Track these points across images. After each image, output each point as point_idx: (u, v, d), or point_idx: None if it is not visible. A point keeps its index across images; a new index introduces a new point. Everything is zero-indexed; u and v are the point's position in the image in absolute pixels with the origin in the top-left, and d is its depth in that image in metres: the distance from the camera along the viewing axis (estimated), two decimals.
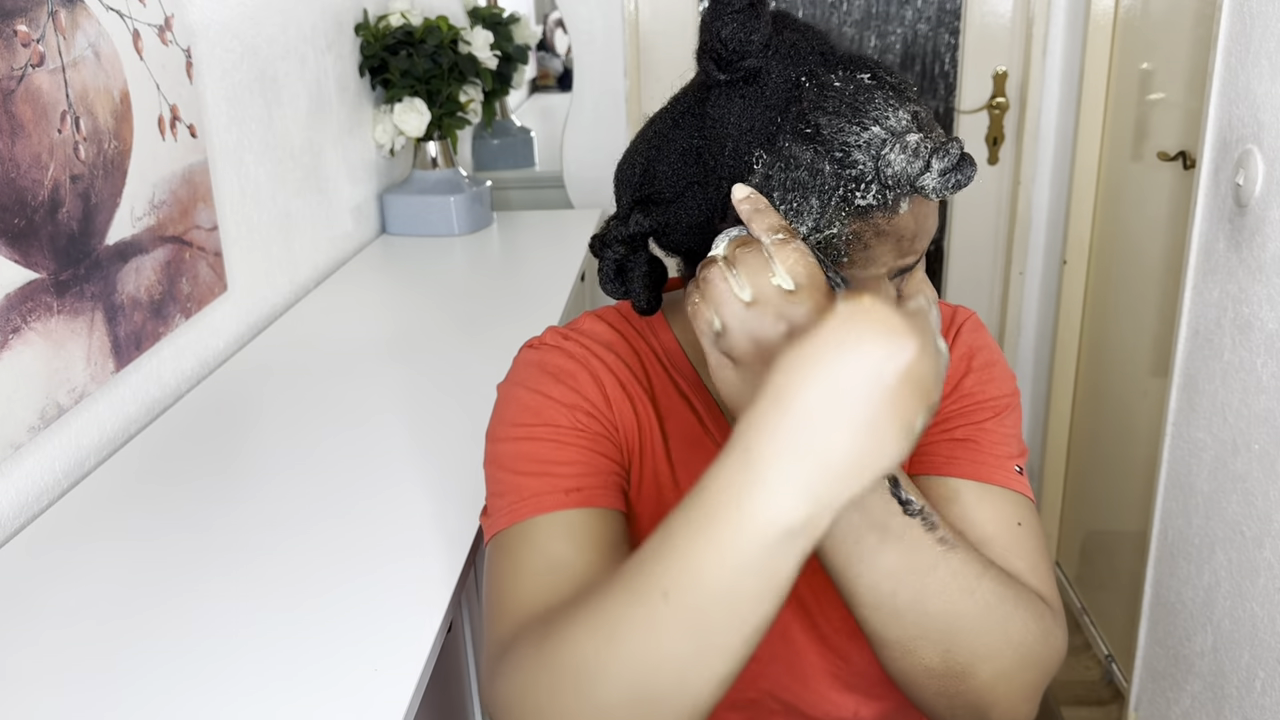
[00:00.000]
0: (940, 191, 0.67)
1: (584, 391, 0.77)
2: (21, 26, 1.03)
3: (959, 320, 0.86)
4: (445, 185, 2.14)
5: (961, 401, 0.82)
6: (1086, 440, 2.26)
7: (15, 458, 1.04)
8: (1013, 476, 0.79)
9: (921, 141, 0.66)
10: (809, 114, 0.67)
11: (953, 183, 0.66)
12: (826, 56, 0.70)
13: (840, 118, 0.66)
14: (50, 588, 0.93)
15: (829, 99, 0.67)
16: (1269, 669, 1.31)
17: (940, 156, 0.66)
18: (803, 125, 0.66)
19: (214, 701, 0.77)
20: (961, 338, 0.84)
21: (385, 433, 1.21)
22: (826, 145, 0.66)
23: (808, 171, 0.66)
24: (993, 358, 0.84)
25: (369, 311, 1.72)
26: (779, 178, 0.67)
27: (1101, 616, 2.14)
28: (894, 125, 0.66)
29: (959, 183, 0.67)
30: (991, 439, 0.80)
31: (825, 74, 0.68)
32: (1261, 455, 1.33)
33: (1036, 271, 2.45)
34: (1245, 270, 1.36)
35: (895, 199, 0.67)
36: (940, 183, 0.66)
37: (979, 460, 0.79)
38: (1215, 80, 1.44)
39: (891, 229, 0.68)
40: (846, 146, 0.66)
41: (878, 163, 0.66)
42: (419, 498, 1.05)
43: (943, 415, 0.81)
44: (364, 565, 0.93)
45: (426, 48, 2.02)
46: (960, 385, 0.83)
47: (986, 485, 0.78)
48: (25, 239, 1.04)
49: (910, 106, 0.68)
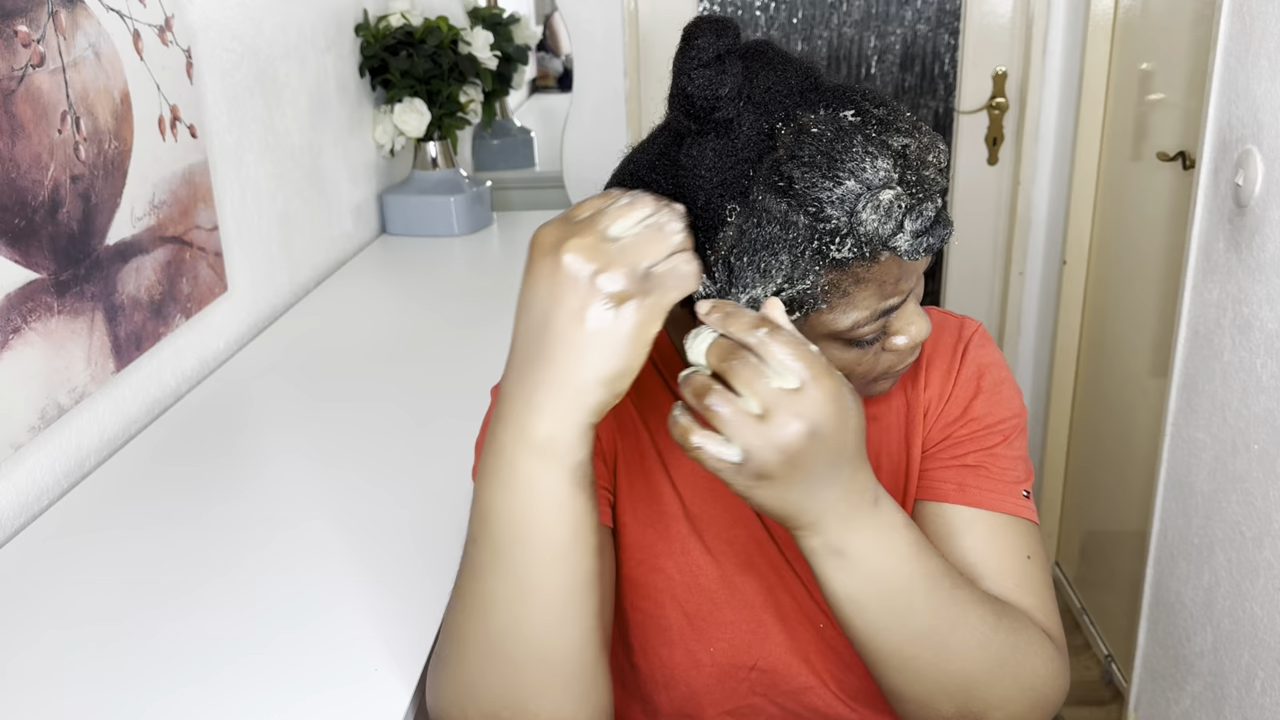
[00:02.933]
0: (913, 254, 0.65)
1: None
2: (22, 27, 1.03)
3: (966, 334, 0.84)
4: (445, 185, 2.14)
5: (972, 426, 0.82)
6: (1086, 440, 2.26)
7: (15, 458, 1.04)
8: (1022, 504, 0.80)
9: (895, 200, 0.63)
10: (783, 165, 0.63)
11: (924, 246, 0.65)
12: (807, 95, 0.66)
13: (814, 170, 0.62)
14: (50, 588, 0.93)
15: (804, 147, 0.63)
16: (1269, 669, 1.32)
17: (914, 218, 0.63)
18: (775, 178, 0.63)
19: (214, 701, 0.77)
20: (970, 355, 0.83)
21: (385, 432, 1.21)
22: (799, 199, 0.63)
23: (780, 225, 0.63)
24: (1002, 375, 0.84)
25: (369, 312, 1.72)
26: (751, 233, 0.64)
27: (1101, 616, 2.14)
28: (870, 178, 0.63)
29: (930, 246, 0.65)
30: (1001, 464, 0.80)
31: (804, 115, 0.64)
32: (1261, 455, 1.33)
33: (1036, 272, 2.45)
34: (1245, 270, 1.36)
35: (874, 251, 0.64)
36: (913, 245, 0.64)
37: (991, 489, 0.79)
38: (1215, 80, 1.44)
39: (872, 276, 0.66)
40: (819, 202, 0.62)
41: (851, 218, 0.63)
42: (419, 497, 1.05)
43: (953, 440, 0.81)
44: (364, 565, 0.93)
45: (426, 48, 2.02)
46: (970, 409, 0.82)
47: (998, 515, 0.79)
48: (25, 239, 1.04)
49: (898, 141, 0.64)
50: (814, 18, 2.39)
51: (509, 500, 0.61)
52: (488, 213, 2.22)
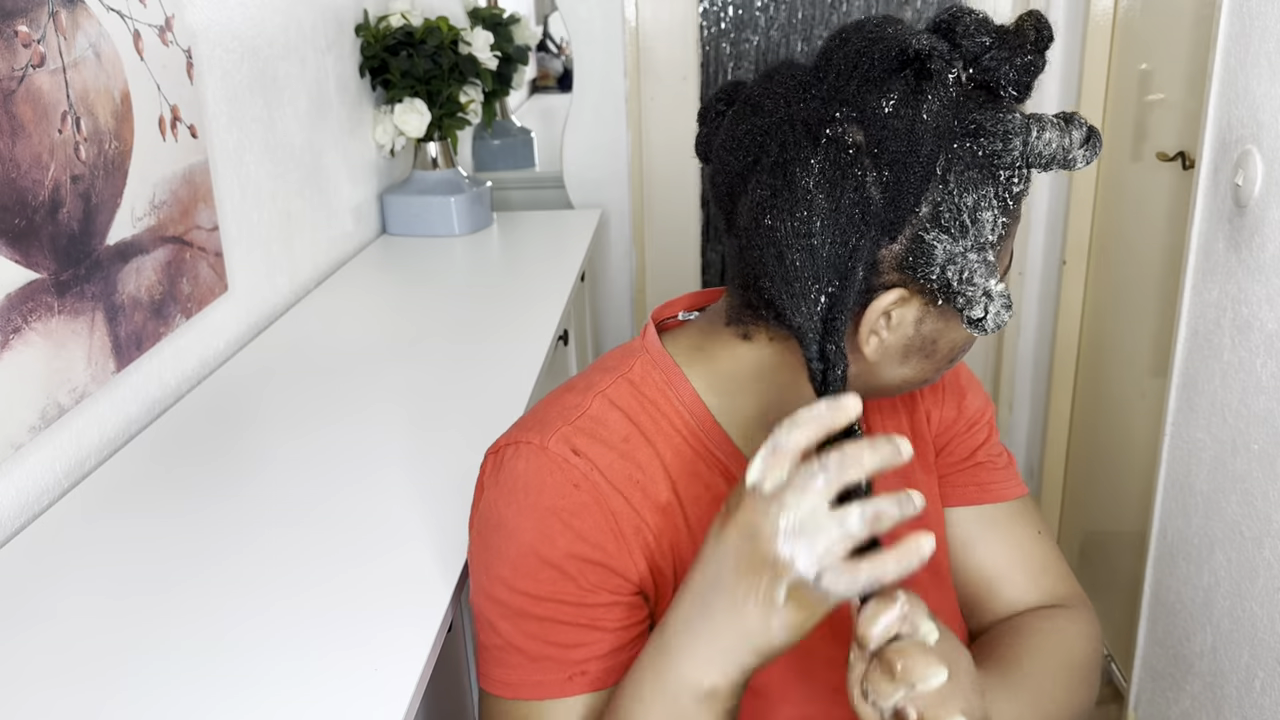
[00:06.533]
0: (1087, 160, 0.65)
1: (594, 538, 0.69)
2: (22, 27, 1.03)
3: None
4: (445, 186, 2.14)
5: (972, 425, 0.86)
6: (1086, 440, 2.26)
7: (16, 458, 1.05)
8: (1020, 483, 0.86)
9: (1053, 119, 0.64)
10: (965, 112, 0.63)
11: (1095, 152, 0.65)
12: None
13: (985, 107, 0.63)
14: (50, 588, 0.93)
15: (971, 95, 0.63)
16: (1268, 669, 1.32)
17: (1077, 126, 0.64)
18: (967, 122, 0.63)
19: (214, 701, 0.77)
20: None
21: (386, 433, 1.21)
22: (989, 137, 0.62)
23: (978, 169, 0.63)
24: (967, 370, 0.88)
25: (369, 312, 1.72)
26: (956, 180, 0.62)
27: (1101, 616, 2.13)
28: (1022, 108, 0.64)
29: (1098, 150, 0.65)
30: (996, 453, 0.86)
31: None
32: (1261, 455, 1.33)
33: (1036, 272, 2.45)
34: (1244, 270, 1.36)
35: (1028, 183, 0.65)
36: (1087, 153, 0.65)
37: (1002, 480, 0.86)
38: (1214, 81, 1.44)
39: (1020, 215, 0.67)
40: (1007, 134, 0.62)
41: (1026, 147, 0.63)
42: (419, 498, 1.05)
43: (956, 441, 0.85)
44: (364, 565, 0.93)
45: (427, 48, 2.02)
46: (963, 407, 0.86)
47: (1014, 503, 0.86)
48: (26, 239, 1.04)
49: None
50: (814, 18, 2.39)
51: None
52: (488, 213, 2.22)
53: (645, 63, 2.42)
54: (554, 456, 0.70)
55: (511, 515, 0.71)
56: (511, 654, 0.71)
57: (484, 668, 0.74)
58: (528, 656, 0.70)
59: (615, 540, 0.70)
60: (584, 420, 0.72)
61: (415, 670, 0.79)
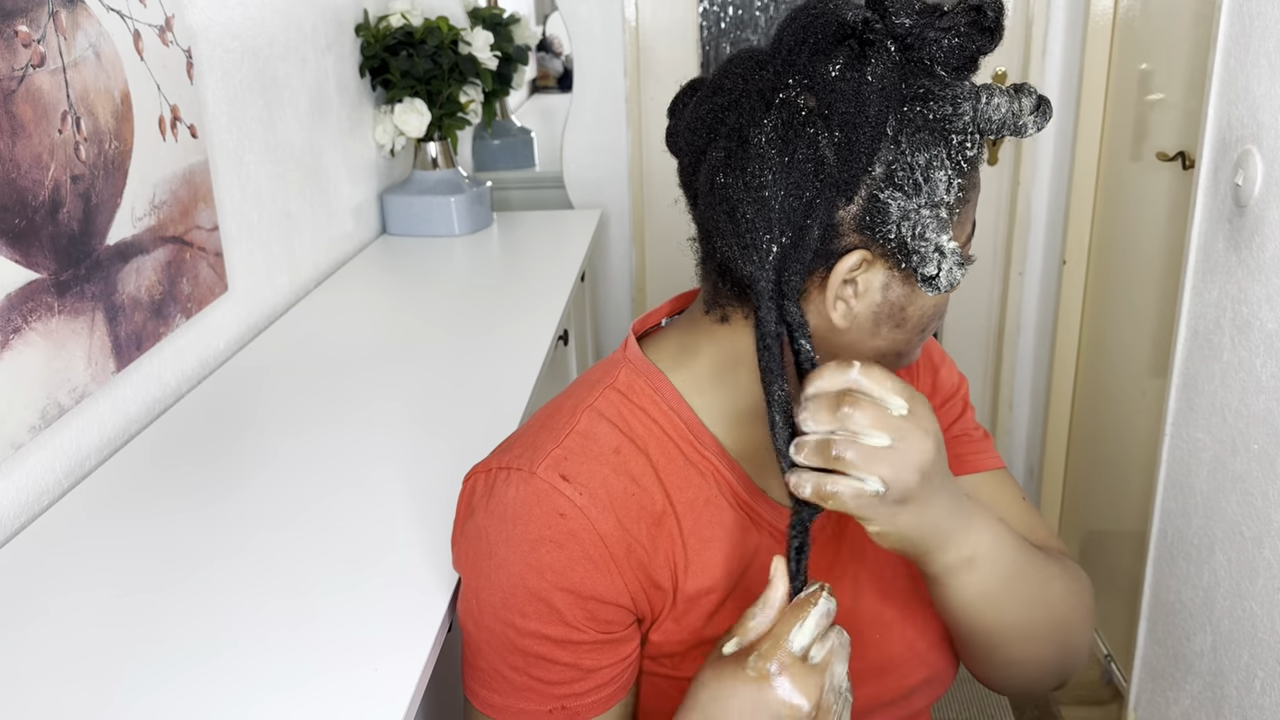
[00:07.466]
0: (1038, 127, 0.67)
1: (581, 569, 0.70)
2: (22, 27, 1.03)
3: None
4: (445, 186, 2.14)
5: (948, 399, 0.88)
6: (1086, 440, 2.26)
7: (16, 457, 1.05)
8: (997, 457, 0.88)
9: (1002, 88, 0.66)
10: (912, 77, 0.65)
11: (1045, 119, 0.67)
12: None
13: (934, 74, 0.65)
14: (51, 588, 0.93)
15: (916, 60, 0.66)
16: (1268, 669, 1.32)
17: (1027, 94, 0.66)
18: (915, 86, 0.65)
19: (214, 701, 0.77)
20: None
21: (386, 433, 1.21)
22: (938, 101, 0.64)
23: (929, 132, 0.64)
24: (939, 346, 0.91)
25: (369, 311, 1.72)
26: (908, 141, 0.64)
27: (1101, 616, 2.14)
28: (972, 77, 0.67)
29: (1048, 116, 0.67)
30: (973, 426, 0.88)
31: None
32: (1260, 455, 1.33)
33: (1036, 271, 2.45)
34: (1244, 270, 1.36)
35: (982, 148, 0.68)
36: (1038, 119, 0.67)
37: (979, 450, 0.87)
38: (1214, 81, 1.44)
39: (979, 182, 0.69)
40: (956, 100, 0.64)
41: (975, 113, 0.65)
42: (420, 498, 1.05)
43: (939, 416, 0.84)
44: (364, 565, 0.93)
45: (427, 48, 2.02)
46: (938, 382, 0.88)
47: (995, 472, 0.87)
48: (26, 239, 1.04)
49: None
50: None
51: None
52: (488, 213, 2.22)
53: (645, 63, 2.42)
54: (541, 485, 0.70)
55: (501, 545, 0.71)
56: (496, 679, 0.73)
57: (469, 682, 0.76)
58: (512, 685, 0.73)
59: (604, 566, 0.70)
60: (573, 438, 0.72)
61: (415, 670, 0.79)
